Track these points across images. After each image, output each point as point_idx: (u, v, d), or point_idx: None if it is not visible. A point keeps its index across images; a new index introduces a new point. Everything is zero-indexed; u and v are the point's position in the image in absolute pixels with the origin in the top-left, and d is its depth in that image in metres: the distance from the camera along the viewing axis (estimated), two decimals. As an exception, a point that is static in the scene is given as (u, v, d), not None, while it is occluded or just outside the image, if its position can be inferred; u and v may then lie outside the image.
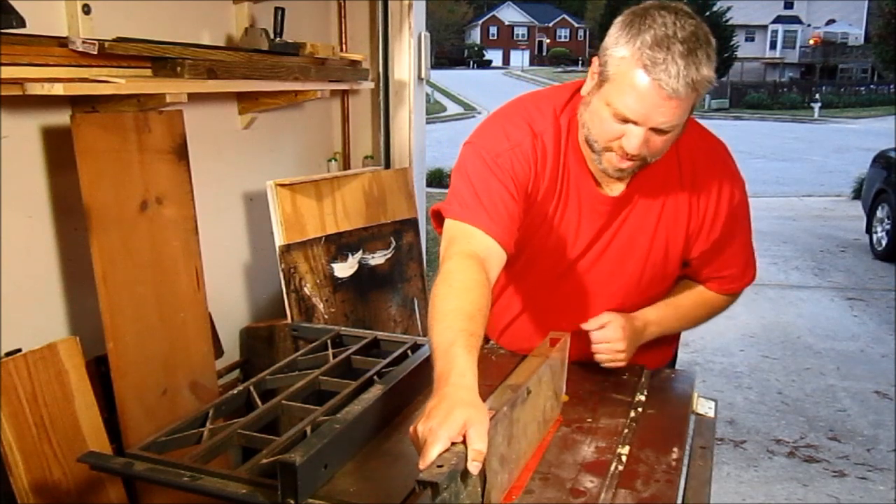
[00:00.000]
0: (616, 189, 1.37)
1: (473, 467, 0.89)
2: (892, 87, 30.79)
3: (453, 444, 0.89)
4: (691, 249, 1.42)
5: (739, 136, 19.10)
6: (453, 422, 0.90)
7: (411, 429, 0.94)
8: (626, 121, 1.19)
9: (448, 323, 1.07)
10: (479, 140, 1.36)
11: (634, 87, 1.15)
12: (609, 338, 1.39)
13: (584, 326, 1.39)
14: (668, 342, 1.65)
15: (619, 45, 1.17)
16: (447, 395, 0.95)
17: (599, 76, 1.22)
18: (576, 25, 60.05)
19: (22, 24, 1.67)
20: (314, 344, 1.66)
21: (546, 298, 1.50)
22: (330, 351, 1.62)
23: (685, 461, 1.20)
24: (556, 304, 1.49)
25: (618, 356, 1.40)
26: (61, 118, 1.91)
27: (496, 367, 1.51)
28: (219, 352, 2.46)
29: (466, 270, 1.18)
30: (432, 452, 0.88)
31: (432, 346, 1.06)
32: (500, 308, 1.57)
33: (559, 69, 48.19)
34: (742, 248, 1.47)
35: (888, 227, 6.61)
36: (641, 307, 1.47)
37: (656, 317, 1.47)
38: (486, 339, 1.65)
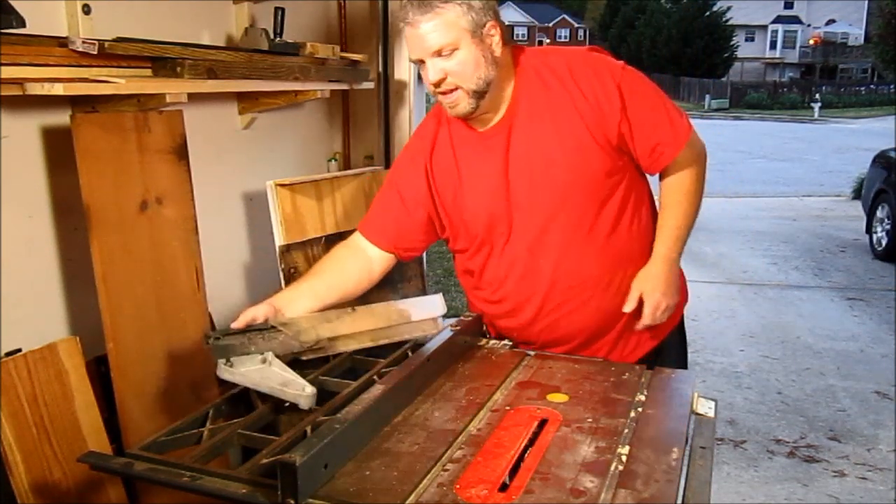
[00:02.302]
0: (493, 122, 1.54)
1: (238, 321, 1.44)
2: (892, 87, 30.81)
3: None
4: (608, 133, 1.48)
5: (739, 136, 19.10)
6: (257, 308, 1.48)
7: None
8: (421, 63, 1.45)
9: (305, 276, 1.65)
10: None
11: (406, 38, 1.45)
12: (654, 306, 1.55)
13: (626, 309, 1.55)
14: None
15: None
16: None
17: None
18: (576, 25, 59.95)
19: (22, 24, 1.67)
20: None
21: (511, 256, 1.58)
22: (330, 351, 1.62)
23: (685, 461, 1.19)
24: (520, 253, 1.57)
25: (665, 313, 1.58)
26: (61, 118, 1.91)
27: (496, 367, 1.51)
28: (219, 352, 2.45)
29: (343, 251, 1.68)
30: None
31: None
32: (488, 293, 1.65)
33: (559, 69, 48.00)
34: (657, 109, 1.53)
35: (888, 227, 6.61)
36: (594, 214, 1.54)
37: (664, 244, 1.58)
38: (488, 337, 1.67)
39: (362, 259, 1.66)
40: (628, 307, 1.55)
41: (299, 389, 1.30)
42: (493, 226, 1.57)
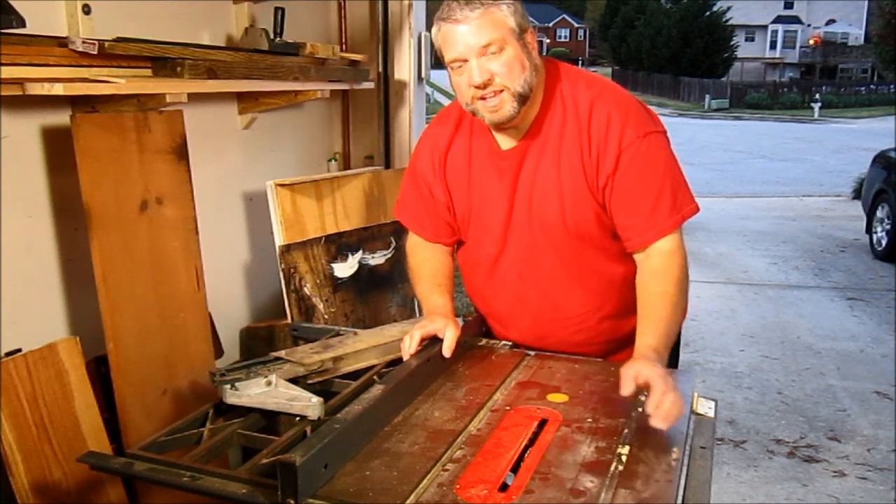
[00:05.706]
0: (514, 142, 1.50)
1: (447, 351, 1.47)
2: (892, 87, 30.76)
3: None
4: (597, 188, 1.45)
5: (739, 136, 19.10)
6: (429, 324, 1.49)
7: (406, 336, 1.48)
8: (461, 65, 1.39)
9: (423, 282, 1.65)
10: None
11: (445, 38, 1.40)
12: (662, 395, 1.23)
13: (623, 392, 1.27)
14: None
15: (433, 30, 1.44)
16: (429, 316, 1.54)
17: (443, 62, 1.46)
18: (576, 25, 59.95)
19: (22, 24, 1.67)
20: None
21: (502, 277, 1.60)
22: (330, 351, 1.61)
23: (685, 461, 1.19)
24: (511, 277, 1.58)
25: (675, 407, 1.22)
26: (61, 118, 1.91)
27: (496, 367, 1.51)
28: (219, 352, 2.46)
29: (422, 248, 1.69)
30: (409, 345, 1.45)
31: (419, 298, 1.69)
32: (480, 304, 1.70)
33: (559, 69, 47.89)
34: (645, 195, 1.43)
35: (888, 227, 6.60)
36: (584, 257, 1.52)
37: (646, 335, 1.39)
38: (489, 337, 1.69)
39: (442, 249, 1.68)
40: (626, 389, 1.26)
41: (306, 401, 1.31)
42: (483, 240, 1.58)
